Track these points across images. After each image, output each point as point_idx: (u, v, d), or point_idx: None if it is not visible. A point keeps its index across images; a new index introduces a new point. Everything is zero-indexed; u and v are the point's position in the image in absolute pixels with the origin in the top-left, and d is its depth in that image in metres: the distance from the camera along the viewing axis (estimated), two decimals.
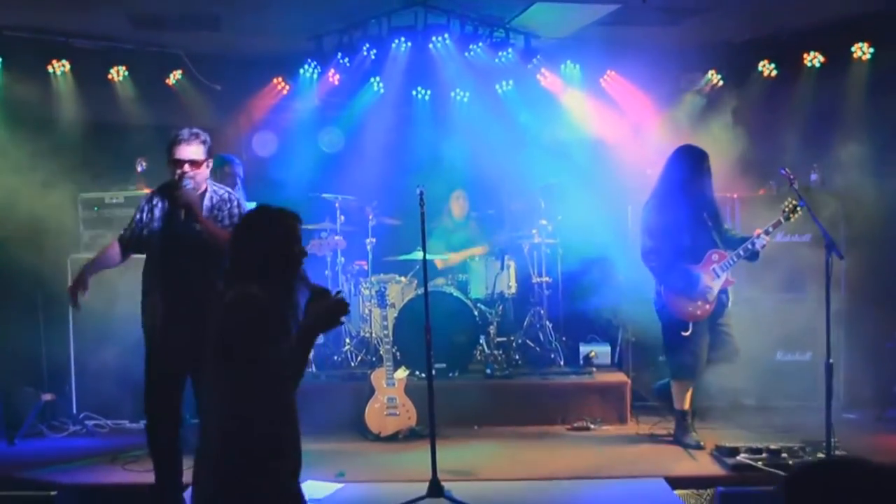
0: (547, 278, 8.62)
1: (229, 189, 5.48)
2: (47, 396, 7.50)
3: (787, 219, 6.29)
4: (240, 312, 3.36)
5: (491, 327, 8.31)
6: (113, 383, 7.32)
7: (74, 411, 7.59)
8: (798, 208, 6.18)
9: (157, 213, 5.23)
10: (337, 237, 8.43)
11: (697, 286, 6.42)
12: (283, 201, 3.71)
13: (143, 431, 5.23)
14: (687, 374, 6.62)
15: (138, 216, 5.29)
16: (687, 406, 6.71)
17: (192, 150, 5.18)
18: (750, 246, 6.35)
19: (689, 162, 6.51)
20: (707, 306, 6.45)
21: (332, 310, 3.48)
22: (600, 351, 8.39)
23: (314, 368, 7.81)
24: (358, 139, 9.52)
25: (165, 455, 5.12)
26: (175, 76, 8.95)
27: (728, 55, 8.95)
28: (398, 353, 7.54)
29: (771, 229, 6.35)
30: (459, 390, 7.48)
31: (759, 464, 5.72)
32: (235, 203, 5.31)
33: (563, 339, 8.58)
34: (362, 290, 8.57)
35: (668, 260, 6.50)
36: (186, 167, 5.15)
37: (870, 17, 8.23)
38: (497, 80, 9.43)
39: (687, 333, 6.47)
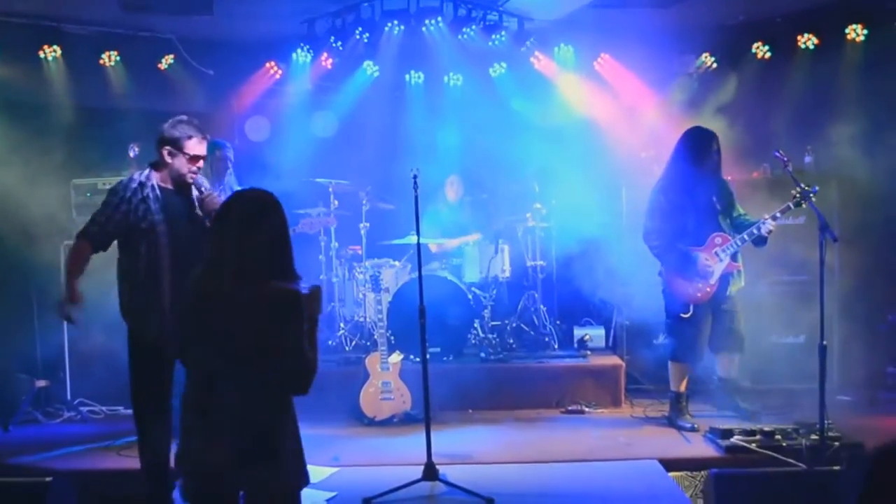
0: (541, 262, 8.63)
1: (204, 178, 5.45)
2: (41, 383, 7.49)
3: (798, 205, 6.14)
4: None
5: (485, 311, 8.32)
6: (107, 370, 7.31)
7: (69, 398, 7.59)
8: (811, 195, 6.05)
9: (152, 204, 5.06)
10: (328, 218, 8.40)
11: (695, 267, 6.43)
12: (276, 186, 3.69)
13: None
14: (685, 356, 6.65)
15: (124, 206, 5.04)
16: (682, 388, 6.74)
17: (204, 146, 5.23)
18: (755, 231, 6.33)
19: (695, 144, 6.51)
20: (707, 289, 6.47)
21: (316, 298, 3.51)
22: (594, 334, 8.41)
23: None
24: (351, 123, 9.51)
25: (159, 454, 5.09)
26: (167, 61, 8.91)
27: (721, 38, 8.93)
28: (392, 338, 7.54)
29: (779, 215, 6.30)
30: (454, 374, 7.46)
31: (753, 446, 5.74)
32: (216, 197, 5.30)
33: (558, 322, 8.60)
34: (356, 274, 8.56)
35: (668, 241, 6.51)
36: (200, 164, 5.19)
37: None
38: (490, 63, 9.40)
39: (687, 315, 6.49)
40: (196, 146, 5.14)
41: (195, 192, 5.23)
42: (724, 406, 6.79)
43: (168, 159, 5.12)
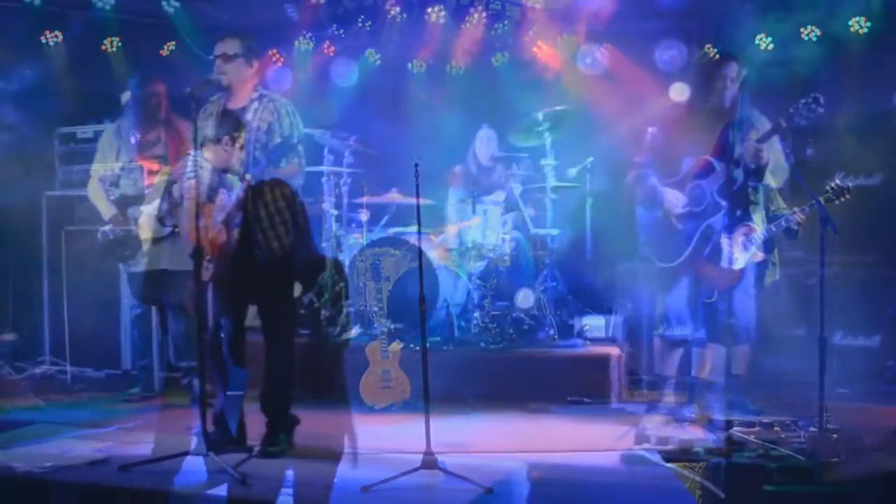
0: (542, 251, 8.61)
1: None
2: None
3: (830, 200, 6.09)
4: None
5: (485, 300, 8.31)
6: (106, 354, 7.36)
7: (69, 381, 7.59)
8: (846, 190, 6.07)
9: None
10: (322, 206, 8.40)
11: (720, 253, 6.46)
12: (273, 174, 3.77)
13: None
14: (705, 342, 6.68)
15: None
16: (704, 375, 6.75)
17: None
18: (784, 222, 6.37)
19: (731, 136, 6.58)
20: (731, 276, 6.50)
21: None
22: (594, 324, 8.39)
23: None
24: (353, 111, 9.47)
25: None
26: (169, 47, 8.89)
27: (724, 28, 8.89)
28: (392, 326, 7.53)
29: (808, 209, 6.31)
30: (454, 363, 7.48)
31: (752, 437, 5.75)
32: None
33: (558, 311, 8.58)
34: (357, 263, 8.55)
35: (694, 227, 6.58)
36: None
37: None
38: (493, 51, 9.38)
39: (710, 301, 6.55)
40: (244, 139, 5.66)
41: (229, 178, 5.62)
42: (734, 404, 6.79)
43: (226, 148, 5.54)
